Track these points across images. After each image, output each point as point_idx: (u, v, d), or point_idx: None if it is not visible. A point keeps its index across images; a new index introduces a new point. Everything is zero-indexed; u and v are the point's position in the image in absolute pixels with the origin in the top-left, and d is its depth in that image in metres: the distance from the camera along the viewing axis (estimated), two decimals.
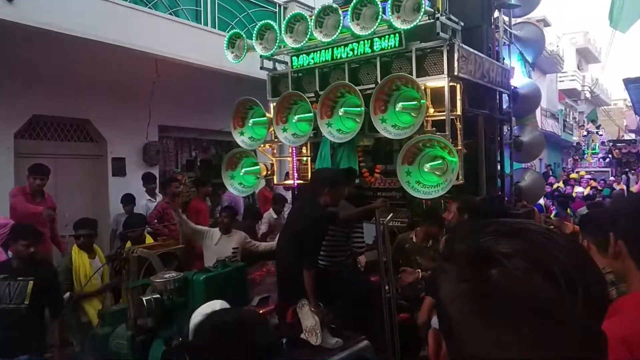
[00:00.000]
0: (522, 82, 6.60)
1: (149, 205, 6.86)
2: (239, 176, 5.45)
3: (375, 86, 4.39)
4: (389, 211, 4.42)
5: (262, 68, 5.50)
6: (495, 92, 5.36)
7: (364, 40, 4.59)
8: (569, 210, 8.87)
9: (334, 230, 3.91)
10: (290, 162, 5.64)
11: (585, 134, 26.93)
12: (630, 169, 20.01)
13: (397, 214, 4.87)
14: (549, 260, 0.60)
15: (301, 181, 5.43)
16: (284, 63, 5.58)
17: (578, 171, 20.49)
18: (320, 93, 4.73)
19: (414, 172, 4.16)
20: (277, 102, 5.01)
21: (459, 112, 4.31)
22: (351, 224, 4.10)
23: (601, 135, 26.18)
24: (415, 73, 4.38)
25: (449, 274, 0.65)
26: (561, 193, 13.04)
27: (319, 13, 4.58)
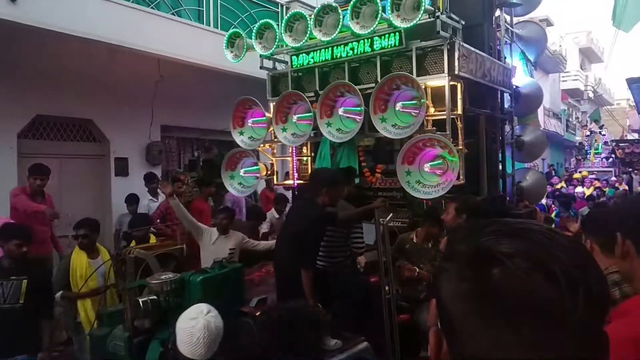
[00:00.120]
0: (524, 81, 6.57)
1: (150, 205, 6.89)
2: (239, 176, 5.43)
3: (375, 85, 4.36)
4: (389, 211, 4.39)
5: (262, 67, 5.48)
6: (497, 91, 5.32)
7: (364, 39, 4.56)
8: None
9: (333, 231, 3.88)
10: (291, 162, 5.62)
11: (588, 133, 26.81)
12: (633, 169, 19.92)
13: (398, 214, 4.84)
14: (550, 260, 0.59)
15: (301, 181, 5.40)
16: (284, 62, 5.55)
17: (581, 171, 20.40)
18: (320, 92, 4.70)
19: (414, 172, 4.13)
20: (277, 102, 4.98)
21: (459, 112, 4.28)
22: (350, 224, 4.07)
23: (604, 135, 26.04)
24: (416, 72, 4.35)
25: (450, 273, 0.65)
26: (562, 193, 12.98)
27: (318, 12, 4.55)
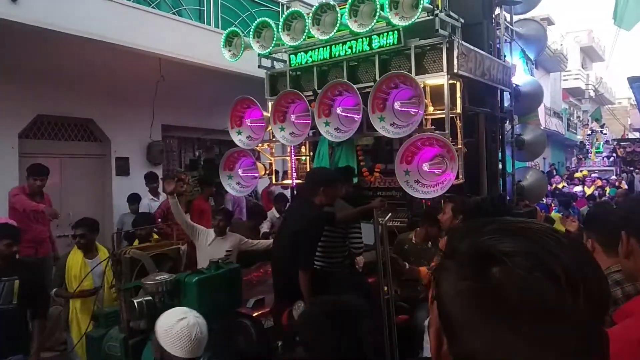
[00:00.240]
0: (524, 80, 6.52)
1: (151, 205, 6.92)
2: (237, 176, 5.40)
3: (373, 84, 4.32)
4: (389, 211, 4.35)
5: (260, 66, 5.44)
6: (497, 90, 5.28)
7: (363, 38, 4.52)
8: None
9: (331, 231, 3.84)
10: (289, 162, 5.58)
11: (589, 132, 26.79)
12: (634, 168, 19.88)
13: (397, 214, 4.80)
14: (551, 259, 0.59)
15: (300, 181, 5.37)
16: (282, 61, 5.52)
17: (582, 170, 20.38)
18: (319, 92, 4.66)
19: (413, 172, 4.09)
20: (275, 101, 4.95)
21: (459, 111, 4.24)
22: (349, 224, 4.03)
23: (605, 134, 26.02)
24: (415, 71, 4.31)
25: (450, 271, 0.65)
26: (562, 192, 12.96)
27: (316, 10, 4.51)
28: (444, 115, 4.16)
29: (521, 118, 6.52)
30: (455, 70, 4.19)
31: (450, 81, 4.19)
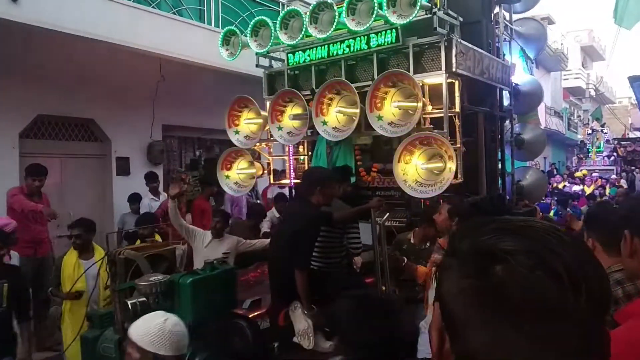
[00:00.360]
0: (524, 79, 6.49)
1: (151, 204, 6.91)
2: (235, 176, 5.37)
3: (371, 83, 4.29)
4: (387, 211, 4.32)
5: (258, 65, 5.41)
6: (496, 89, 5.25)
7: (361, 37, 4.49)
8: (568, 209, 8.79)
9: (328, 231, 3.81)
10: (287, 161, 5.56)
11: (589, 132, 26.76)
12: (635, 167, 19.86)
13: (396, 214, 4.77)
14: (553, 257, 0.59)
15: (298, 180, 5.34)
16: (281, 60, 5.49)
17: (582, 170, 20.37)
18: (316, 90, 4.63)
19: (411, 171, 4.06)
20: (272, 100, 4.91)
21: (457, 109, 4.21)
22: (346, 224, 4.00)
23: (606, 133, 25.97)
24: (413, 69, 4.27)
25: (452, 270, 0.65)
26: (560, 191, 12.94)
27: (313, 9, 4.48)
28: (442, 114, 4.13)
29: (521, 117, 6.49)
30: (453, 69, 4.16)
31: (449, 80, 4.16)
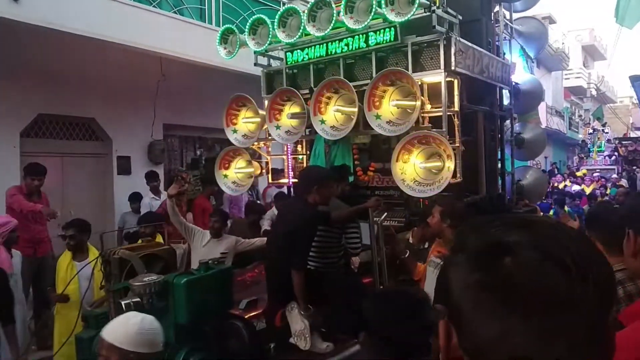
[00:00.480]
0: (524, 78, 6.45)
1: (152, 204, 6.90)
2: (233, 175, 5.34)
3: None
4: (386, 210, 4.28)
5: (257, 64, 5.38)
6: (496, 88, 5.21)
7: (359, 35, 4.45)
8: (566, 208, 8.77)
9: (326, 231, 3.78)
10: (285, 160, 5.53)
11: (591, 131, 26.74)
12: (637, 167, 19.82)
13: (395, 214, 4.73)
14: (560, 250, 0.60)
15: (296, 180, 5.30)
16: (279, 59, 5.45)
17: (582, 169, 20.35)
18: (315, 89, 4.60)
19: (409, 170, 4.03)
20: (270, 99, 4.88)
21: (456, 108, 4.17)
22: (344, 223, 3.97)
23: (607, 132, 25.96)
24: (412, 68, 4.23)
25: (459, 265, 0.66)
26: (559, 191, 12.91)
27: (311, 7, 4.45)
28: (441, 113, 4.09)
29: (521, 116, 6.46)
30: (452, 68, 4.12)
31: (448, 78, 4.12)
